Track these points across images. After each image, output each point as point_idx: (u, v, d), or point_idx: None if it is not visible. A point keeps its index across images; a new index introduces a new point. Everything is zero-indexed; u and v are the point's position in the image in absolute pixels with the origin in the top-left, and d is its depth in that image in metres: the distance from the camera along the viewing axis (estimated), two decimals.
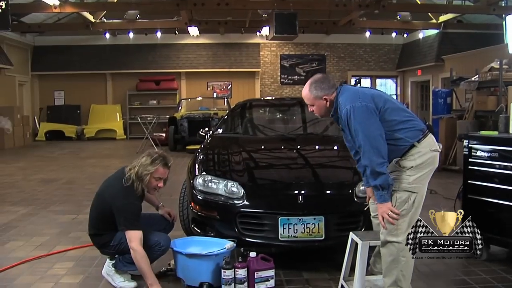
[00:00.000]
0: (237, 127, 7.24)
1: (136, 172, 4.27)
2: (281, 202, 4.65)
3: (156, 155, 4.37)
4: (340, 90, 3.78)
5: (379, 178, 3.51)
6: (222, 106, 18.61)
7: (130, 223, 4.18)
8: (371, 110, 3.58)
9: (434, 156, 3.69)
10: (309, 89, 3.81)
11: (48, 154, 15.68)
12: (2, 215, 7.20)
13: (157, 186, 4.39)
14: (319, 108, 3.84)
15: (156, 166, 4.30)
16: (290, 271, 4.68)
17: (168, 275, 4.59)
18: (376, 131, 3.54)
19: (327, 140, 6.24)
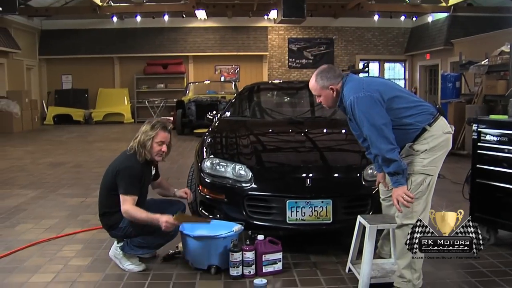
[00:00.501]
0: (245, 111, 7.23)
1: (138, 140, 4.37)
2: (289, 185, 4.65)
3: (155, 121, 4.47)
4: (345, 80, 3.77)
5: (392, 165, 3.52)
6: (229, 90, 18.60)
7: (128, 187, 4.25)
8: (375, 99, 3.57)
9: (447, 139, 3.69)
10: (316, 79, 3.82)
11: (56, 138, 15.75)
12: (12, 198, 7.26)
13: (160, 151, 4.43)
14: (326, 98, 3.83)
15: (156, 130, 4.38)
16: (298, 254, 4.69)
17: (176, 258, 4.62)
18: (381, 120, 3.53)
19: (335, 124, 6.22)
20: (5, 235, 5.46)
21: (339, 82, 3.77)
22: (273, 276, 4.21)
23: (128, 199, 4.24)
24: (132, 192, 4.27)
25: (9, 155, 11.95)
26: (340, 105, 3.82)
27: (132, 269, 4.37)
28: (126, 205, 4.22)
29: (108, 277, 4.26)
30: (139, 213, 4.21)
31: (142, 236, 4.32)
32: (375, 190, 4.54)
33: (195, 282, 4.12)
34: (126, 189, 4.25)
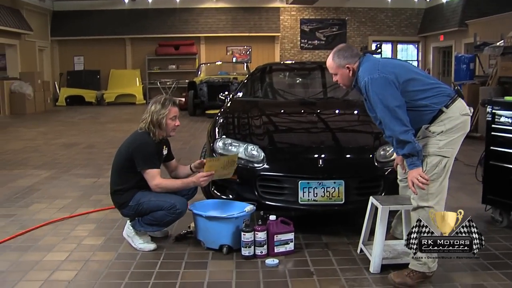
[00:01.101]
0: (257, 91, 7.22)
1: (151, 121, 4.40)
2: (301, 166, 4.64)
3: (163, 99, 4.50)
4: (362, 60, 3.75)
5: (406, 146, 3.50)
6: (241, 71, 18.56)
7: (148, 161, 4.32)
8: (390, 81, 3.54)
9: (465, 121, 3.64)
10: (333, 57, 3.80)
11: (68, 119, 15.82)
12: (26, 178, 7.32)
13: (175, 126, 4.49)
14: (342, 77, 3.81)
15: (168, 107, 4.42)
16: (310, 235, 4.70)
17: (188, 238, 4.64)
18: (395, 102, 3.51)
19: (348, 105, 6.20)
20: (19, 215, 5.51)
21: (356, 61, 3.74)
22: (284, 256, 4.22)
23: (154, 173, 4.32)
24: (155, 164, 4.36)
25: (22, 136, 12.03)
26: (356, 85, 3.80)
27: (144, 248, 4.40)
28: (155, 179, 4.32)
29: (120, 256, 4.30)
30: (172, 183, 4.39)
31: (152, 213, 4.35)
32: (388, 171, 4.55)
33: (207, 262, 4.15)
34: (147, 163, 4.32)
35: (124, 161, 4.41)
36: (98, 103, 21.15)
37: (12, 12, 17.99)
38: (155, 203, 4.32)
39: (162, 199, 4.32)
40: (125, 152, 4.43)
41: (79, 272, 3.97)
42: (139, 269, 4.04)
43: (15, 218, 5.38)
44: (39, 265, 4.12)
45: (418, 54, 23.04)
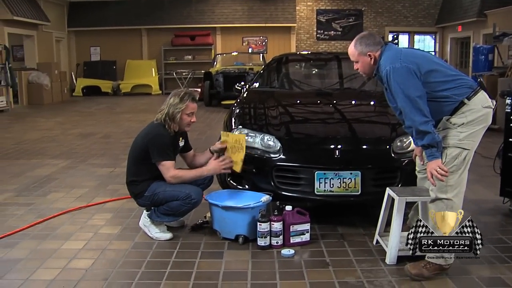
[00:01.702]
0: (274, 81, 7.20)
1: (167, 113, 4.40)
2: (317, 156, 4.63)
3: (183, 93, 4.48)
4: (384, 49, 3.72)
5: (426, 137, 3.48)
6: (257, 62, 18.52)
7: (162, 153, 4.32)
8: (412, 71, 3.51)
9: (487, 113, 3.60)
10: (355, 45, 3.77)
11: (85, 109, 15.91)
12: (43, 168, 7.38)
13: (190, 122, 4.49)
14: (364, 65, 3.78)
15: (186, 103, 4.41)
16: (325, 226, 4.69)
17: (204, 228, 4.66)
18: (416, 93, 3.48)
19: (364, 95, 6.16)
20: (37, 203, 5.56)
21: (378, 50, 3.71)
22: (300, 246, 4.22)
23: (168, 165, 4.34)
24: (169, 156, 4.37)
25: (40, 126, 12.12)
26: (377, 74, 3.77)
27: (160, 237, 4.42)
28: (170, 171, 4.34)
29: (137, 245, 4.33)
30: (187, 173, 4.42)
31: (167, 203, 4.36)
32: (405, 163, 4.52)
33: (223, 252, 4.16)
34: (161, 155, 4.33)
35: (139, 152, 4.43)
36: (114, 93, 21.23)
37: (29, 3, 18.10)
38: (170, 193, 4.33)
39: (177, 189, 4.33)
40: (140, 143, 4.44)
41: (96, 261, 4.00)
42: (155, 258, 4.06)
43: (34, 207, 5.43)
44: (57, 253, 4.16)
45: (435, 45, 22.85)
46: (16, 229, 4.71)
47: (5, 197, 5.84)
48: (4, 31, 16.68)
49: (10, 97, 15.99)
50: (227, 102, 14.48)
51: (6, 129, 11.69)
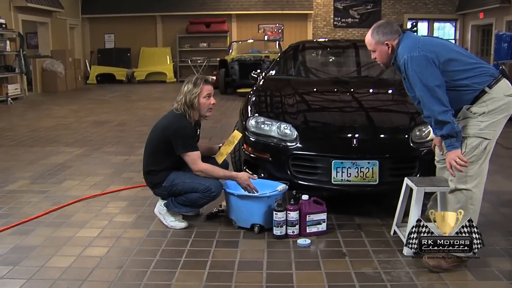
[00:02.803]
0: (290, 69, 7.19)
1: (184, 102, 4.39)
2: (334, 145, 4.63)
3: (195, 78, 4.49)
4: (402, 37, 3.70)
5: (445, 127, 3.45)
6: (273, 49, 18.50)
7: (188, 145, 4.32)
8: (430, 60, 3.49)
9: (509, 102, 3.56)
10: (372, 34, 3.75)
11: (99, 97, 15.99)
12: (58, 156, 7.44)
13: (210, 105, 4.49)
14: (381, 54, 3.76)
15: (200, 86, 4.41)
16: (342, 216, 4.69)
17: (220, 216, 4.68)
18: (434, 81, 3.46)
19: (382, 84, 6.14)
20: (52, 191, 5.62)
21: (396, 38, 3.70)
22: (316, 236, 4.23)
23: (195, 156, 4.34)
24: (194, 147, 4.37)
25: (54, 113, 12.21)
26: (395, 63, 3.75)
27: (175, 225, 4.45)
28: (198, 164, 4.33)
29: (152, 234, 4.35)
30: (215, 171, 4.38)
31: (186, 195, 4.37)
32: (424, 152, 4.50)
33: (238, 241, 4.17)
34: (186, 147, 4.32)
35: (159, 143, 4.41)
36: (128, 81, 21.29)
37: None
38: (190, 185, 4.34)
39: (197, 181, 4.33)
40: (161, 134, 4.41)
41: (110, 249, 4.03)
42: (170, 246, 4.08)
43: (48, 195, 5.49)
44: (71, 241, 4.20)
45: (456, 33, 22.62)
46: (31, 216, 4.75)
47: (20, 185, 5.90)
48: (18, 18, 16.76)
49: (24, 85, 16.11)
50: (242, 90, 14.50)
51: (21, 117, 11.79)
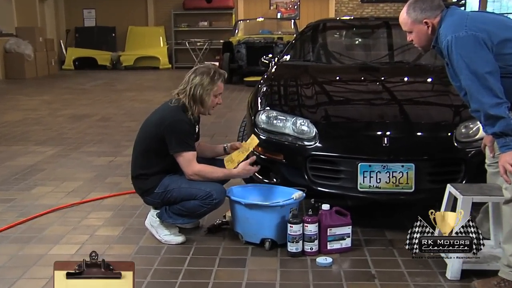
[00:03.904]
0: (308, 54, 7.23)
1: (192, 95, 4.38)
2: (361, 145, 4.65)
3: (213, 71, 4.45)
4: (445, 14, 3.62)
5: (498, 123, 3.37)
6: (288, 29, 18.51)
7: (183, 143, 4.33)
8: (480, 41, 3.41)
9: None
10: (407, 11, 3.69)
11: (78, 86, 16.08)
12: (27, 156, 7.49)
13: (216, 104, 4.53)
14: (419, 36, 3.71)
15: (217, 83, 4.44)
16: (370, 229, 4.71)
17: (223, 229, 4.70)
18: (485, 68, 3.38)
19: (420, 71, 6.15)
20: (20, 199, 5.64)
21: (437, 15, 3.63)
22: (339, 254, 4.25)
23: (190, 157, 4.35)
24: (190, 146, 4.38)
25: (22, 105, 12.28)
26: (436, 46, 3.69)
27: (170, 240, 4.48)
28: (193, 165, 4.35)
29: (142, 250, 4.38)
30: (213, 171, 4.41)
31: (183, 203, 4.38)
32: (471, 154, 4.51)
33: (246, 259, 4.20)
34: (181, 145, 4.33)
35: (151, 141, 4.43)
36: (113, 67, 21.38)
37: None
38: (187, 191, 4.35)
39: (196, 186, 4.34)
40: (154, 130, 4.43)
41: None
42: (164, 265, 4.11)
43: (15, 204, 5.51)
44: (43, 259, 4.22)
45: None
46: None
47: None
48: None
49: None
50: (251, 79, 14.53)
51: None
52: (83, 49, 21.66)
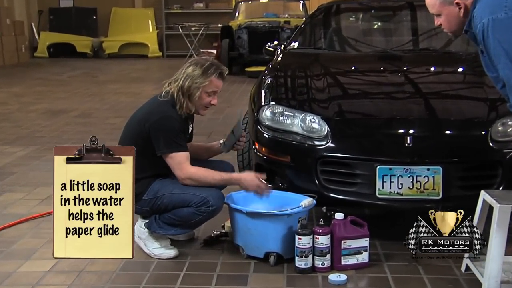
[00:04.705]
0: (319, 40, 7.25)
1: (181, 86, 4.37)
2: (381, 145, 4.67)
3: (208, 63, 4.43)
4: None
5: None
6: (296, 12, 18.51)
7: (172, 143, 4.31)
8: None
9: None
10: None
11: (53, 76, 16.10)
12: None
13: (209, 104, 4.50)
14: (449, 19, 3.68)
15: (210, 78, 4.39)
16: (391, 242, 4.69)
17: (222, 242, 4.71)
18: None
19: (450, 59, 6.17)
20: None
21: None
22: (355, 270, 4.25)
23: (182, 158, 4.33)
24: (181, 146, 4.36)
25: None
26: (468, 31, 3.66)
27: (160, 254, 4.47)
28: (184, 168, 4.33)
29: (128, 266, 4.37)
30: (211, 176, 4.38)
31: (175, 210, 4.38)
32: (510, 155, 4.50)
33: (248, 276, 4.21)
34: (170, 145, 4.32)
35: (136, 140, 4.43)
36: (94, 55, 21.37)
37: None
38: (179, 197, 4.34)
39: (190, 191, 4.33)
40: (139, 127, 4.44)
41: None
42: (153, 284, 4.12)
43: None
44: (12, 278, 4.21)
45: None
46: None
47: None
48: None
49: None
50: (253, 69, 14.57)
51: None
52: (58, 34, 21.57)
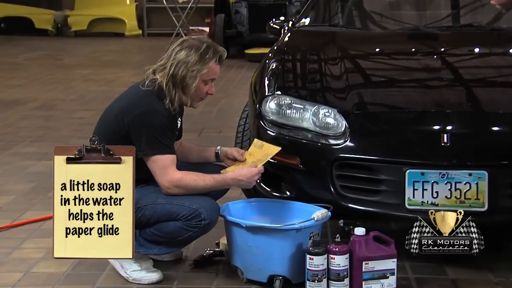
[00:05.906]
0: (336, 15, 7.29)
1: (172, 75, 4.35)
2: (411, 144, 4.69)
3: (205, 46, 4.42)
4: None
5: None
6: None
7: (157, 143, 4.31)
8: None
9: None
10: None
11: (6, 59, 16.18)
12: None
13: (206, 94, 4.54)
14: None
15: (209, 64, 4.39)
16: (425, 264, 4.70)
17: (216, 262, 4.73)
18: None
19: (498, 39, 6.20)
20: None
21: None
22: None
23: (167, 162, 4.32)
24: (169, 149, 4.35)
25: None
26: None
27: (140, 278, 4.47)
28: (171, 173, 4.31)
29: None
30: (203, 180, 4.36)
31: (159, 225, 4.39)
32: None
33: None
34: (155, 146, 4.31)
35: (113, 139, 4.39)
36: (58, 32, 21.38)
37: None
38: (164, 208, 4.34)
39: (177, 201, 4.32)
40: (116, 122, 4.44)
41: None
42: None
43: None
44: None
45: None
46: None
47: None
48: None
49: None
50: (255, 51, 14.61)
51: None
52: (12, 5, 21.56)
